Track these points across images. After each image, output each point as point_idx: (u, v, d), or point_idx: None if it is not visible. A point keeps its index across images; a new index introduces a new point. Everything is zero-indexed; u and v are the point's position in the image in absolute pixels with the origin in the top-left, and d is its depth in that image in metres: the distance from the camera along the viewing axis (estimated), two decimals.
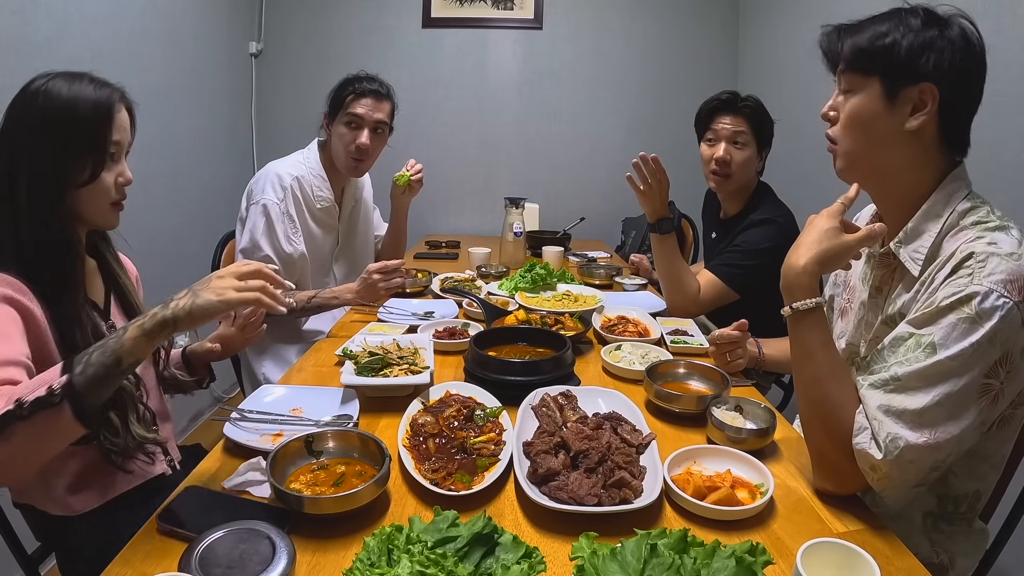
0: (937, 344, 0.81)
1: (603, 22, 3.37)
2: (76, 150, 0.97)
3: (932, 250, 0.91)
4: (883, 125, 0.91)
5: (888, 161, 0.93)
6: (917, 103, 0.89)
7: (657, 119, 3.37)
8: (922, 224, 0.93)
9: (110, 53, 2.14)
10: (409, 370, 1.23)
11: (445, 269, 2.23)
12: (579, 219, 2.86)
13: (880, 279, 1.03)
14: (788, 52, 2.87)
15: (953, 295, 0.82)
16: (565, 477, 0.89)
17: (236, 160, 3.21)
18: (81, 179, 0.98)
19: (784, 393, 2.03)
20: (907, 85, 0.88)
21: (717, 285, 1.75)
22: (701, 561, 0.65)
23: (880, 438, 0.83)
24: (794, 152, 2.71)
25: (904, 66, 0.87)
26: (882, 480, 0.85)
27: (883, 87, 0.89)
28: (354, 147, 1.79)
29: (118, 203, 1.06)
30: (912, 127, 0.89)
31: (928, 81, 0.87)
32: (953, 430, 0.81)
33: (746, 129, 1.81)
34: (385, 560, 0.69)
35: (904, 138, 0.91)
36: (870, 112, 0.91)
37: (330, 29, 3.34)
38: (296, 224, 1.79)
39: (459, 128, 3.44)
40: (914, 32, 0.87)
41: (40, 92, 0.95)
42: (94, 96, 0.97)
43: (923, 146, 0.92)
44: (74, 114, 0.95)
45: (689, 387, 1.27)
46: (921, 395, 0.82)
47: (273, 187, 1.76)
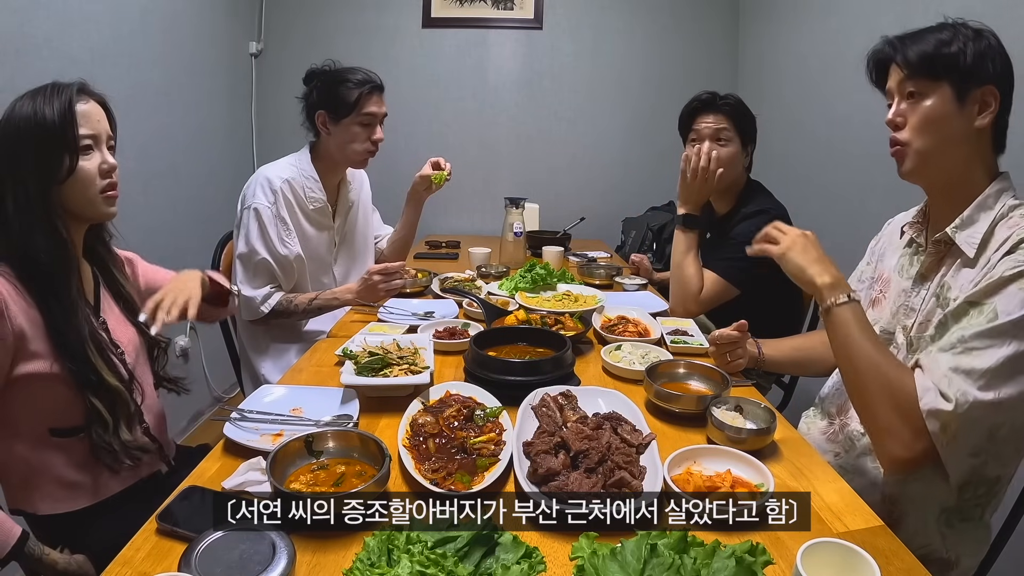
0: (999, 311, 0.90)
1: (603, 22, 3.37)
2: (51, 149, 1.03)
3: (986, 236, 1.00)
4: (956, 124, 0.99)
5: (955, 158, 1.02)
6: (982, 104, 0.99)
7: (657, 119, 3.36)
8: (976, 213, 1.02)
9: (110, 53, 2.14)
10: (409, 370, 1.23)
11: (445, 269, 2.23)
12: (579, 219, 2.86)
13: (927, 266, 1.11)
14: (788, 52, 2.87)
15: (1013, 268, 0.91)
16: (565, 477, 0.89)
17: (236, 160, 3.21)
18: (60, 175, 1.04)
19: (784, 393, 2.03)
20: (974, 88, 0.98)
21: (717, 282, 1.75)
22: (701, 561, 0.65)
23: (950, 392, 0.91)
24: (794, 151, 2.72)
25: (971, 70, 0.97)
26: (950, 443, 0.92)
27: (953, 90, 0.98)
28: (370, 143, 1.83)
29: (108, 191, 1.10)
30: (981, 125, 0.99)
31: (990, 83, 0.98)
32: (1015, 392, 0.89)
33: (728, 126, 1.82)
34: (385, 560, 0.69)
35: (971, 136, 1.00)
36: (944, 113, 0.99)
37: (330, 29, 3.34)
38: (289, 226, 1.78)
39: (459, 128, 3.44)
40: (972, 41, 0.98)
41: (12, 114, 1.04)
42: (56, 99, 1.04)
43: (982, 144, 1.02)
44: (41, 121, 1.02)
45: (689, 387, 1.27)
46: (988, 355, 0.90)
47: (263, 191, 1.75)
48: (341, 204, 1.97)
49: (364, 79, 1.79)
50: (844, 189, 2.36)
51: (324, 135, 1.83)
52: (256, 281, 1.76)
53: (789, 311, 1.99)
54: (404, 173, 2.01)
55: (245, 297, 1.75)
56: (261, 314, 1.76)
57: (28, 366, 1.02)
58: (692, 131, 1.87)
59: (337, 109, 1.78)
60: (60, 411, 1.07)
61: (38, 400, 1.05)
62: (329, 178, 1.90)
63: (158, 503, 0.85)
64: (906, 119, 1.03)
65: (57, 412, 1.07)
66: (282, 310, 1.77)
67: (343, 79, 1.78)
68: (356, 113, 1.78)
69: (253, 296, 1.75)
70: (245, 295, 1.75)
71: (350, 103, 1.77)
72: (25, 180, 1.02)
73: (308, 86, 1.84)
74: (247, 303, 1.76)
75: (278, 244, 1.75)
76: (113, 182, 1.10)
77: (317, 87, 1.81)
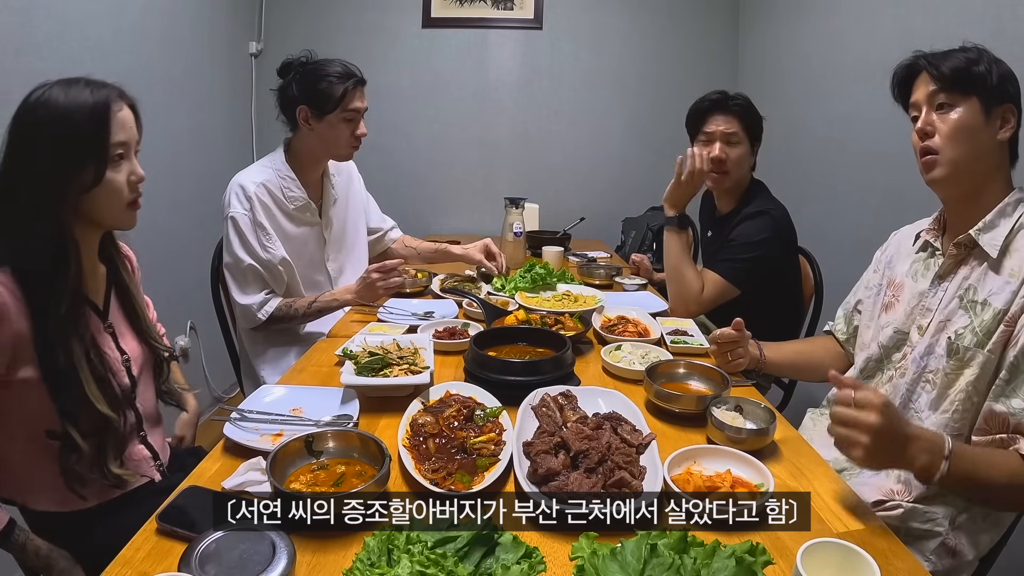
0: None
1: (603, 22, 3.37)
2: (76, 156, 0.97)
3: (1006, 243, 1.06)
4: (984, 135, 1.06)
5: (981, 167, 1.08)
6: (1003, 120, 1.07)
7: (657, 119, 3.37)
8: (997, 219, 1.08)
9: (110, 53, 2.14)
10: (409, 370, 1.23)
11: (445, 269, 2.23)
12: (579, 219, 2.86)
13: (946, 268, 1.14)
14: (789, 51, 2.87)
15: None
16: (565, 477, 0.89)
17: (236, 160, 3.19)
18: (85, 183, 0.98)
19: (784, 393, 2.03)
20: (998, 104, 1.06)
21: (718, 282, 1.75)
22: (701, 561, 0.66)
23: None
24: (794, 151, 2.72)
25: (997, 89, 1.05)
26: None
27: (981, 104, 1.05)
28: (354, 137, 1.80)
29: (134, 202, 1.05)
30: (1004, 138, 1.07)
31: (1010, 102, 1.06)
32: None
33: (738, 128, 1.84)
34: (385, 560, 0.69)
35: (995, 147, 1.08)
36: (975, 124, 1.06)
37: (330, 29, 3.34)
38: (268, 231, 1.75)
39: (459, 128, 3.44)
40: (996, 63, 1.06)
41: (39, 103, 0.96)
42: (91, 100, 0.97)
43: (1003, 156, 1.10)
44: (71, 121, 0.95)
45: (689, 387, 1.27)
46: None
47: (238, 199, 1.72)
48: (326, 199, 1.92)
49: (346, 72, 1.74)
50: (845, 188, 2.36)
51: (305, 131, 1.78)
52: (249, 288, 1.74)
53: (790, 312, 1.99)
54: (404, 173, 2.00)
55: (241, 306, 1.73)
56: (259, 321, 1.74)
57: (27, 371, 0.99)
58: (703, 132, 1.87)
59: (320, 104, 1.73)
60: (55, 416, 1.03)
61: (34, 403, 1.02)
62: (309, 174, 1.86)
63: (158, 503, 0.85)
64: (935, 128, 1.08)
65: (54, 416, 1.03)
66: (281, 315, 1.76)
67: (324, 73, 1.72)
68: (341, 109, 1.73)
69: (249, 304, 1.73)
70: (241, 304, 1.73)
71: (335, 99, 1.72)
72: (40, 181, 0.96)
73: (284, 78, 1.78)
74: (244, 312, 1.74)
75: (260, 250, 1.73)
76: (139, 193, 1.05)
77: (296, 80, 1.75)
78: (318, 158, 1.85)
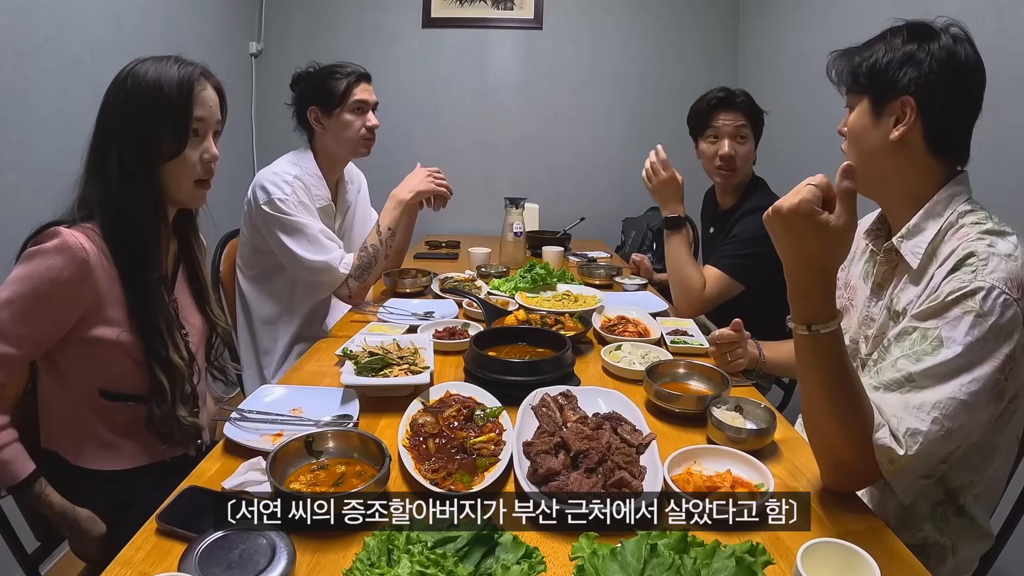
0: (944, 338, 0.85)
1: (603, 22, 3.37)
2: (161, 124, 1.04)
3: (932, 246, 0.96)
4: (871, 138, 0.98)
5: (882, 170, 1.00)
6: (899, 115, 0.95)
7: (657, 119, 3.37)
8: (923, 222, 0.98)
9: (110, 53, 2.13)
10: (409, 370, 1.23)
11: (445, 269, 2.23)
12: (579, 219, 2.86)
13: (882, 276, 1.07)
14: (788, 51, 2.87)
15: (958, 290, 0.86)
16: (565, 477, 0.89)
17: (236, 160, 3.21)
18: (168, 152, 1.05)
19: (784, 393, 2.03)
20: (891, 99, 0.95)
21: (721, 278, 1.75)
22: (701, 561, 0.65)
23: (900, 434, 0.86)
24: (794, 149, 2.72)
25: (884, 82, 0.95)
26: (898, 472, 0.88)
27: (871, 103, 0.97)
28: (365, 129, 1.83)
29: (203, 181, 1.12)
30: (895, 138, 0.95)
31: (907, 94, 0.93)
32: (967, 423, 0.85)
33: (745, 123, 1.87)
34: (385, 560, 0.69)
35: (892, 148, 0.97)
36: (861, 126, 0.99)
37: (330, 29, 3.34)
38: (313, 211, 1.78)
39: (459, 128, 3.44)
40: (894, 49, 0.95)
41: (129, 75, 1.04)
42: (177, 74, 1.05)
43: (913, 154, 0.97)
44: (159, 92, 1.03)
45: (689, 387, 1.27)
46: (937, 391, 0.85)
47: (277, 186, 1.73)
48: (340, 204, 1.97)
49: (350, 69, 1.81)
50: None
51: (319, 131, 1.83)
52: (320, 247, 1.74)
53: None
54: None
55: (319, 266, 1.73)
56: (342, 276, 1.76)
57: (98, 330, 1.04)
58: (710, 128, 1.90)
59: (327, 101, 1.79)
60: (116, 377, 1.10)
61: (97, 362, 1.08)
62: (330, 176, 1.90)
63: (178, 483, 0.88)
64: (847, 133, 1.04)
65: (112, 377, 1.10)
66: (363, 263, 1.78)
67: (329, 73, 1.80)
68: (347, 102, 1.79)
69: (326, 260, 1.73)
70: (318, 263, 1.73)
71: (339, 93, 1.78)
72: (131, 145, 1.03)
73: (295, 90, 1.86)
74: (325, 270, 1.74)
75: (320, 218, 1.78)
76: (211, 173, 1.12)
77: (305, 87, 1.82)
78: (336, 159, 1.89)
